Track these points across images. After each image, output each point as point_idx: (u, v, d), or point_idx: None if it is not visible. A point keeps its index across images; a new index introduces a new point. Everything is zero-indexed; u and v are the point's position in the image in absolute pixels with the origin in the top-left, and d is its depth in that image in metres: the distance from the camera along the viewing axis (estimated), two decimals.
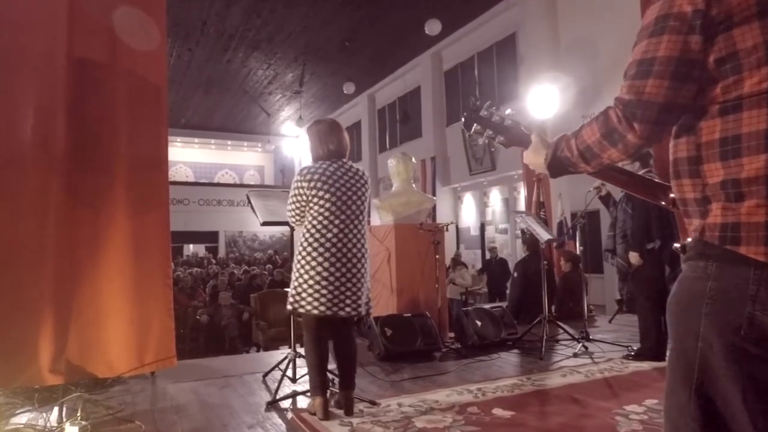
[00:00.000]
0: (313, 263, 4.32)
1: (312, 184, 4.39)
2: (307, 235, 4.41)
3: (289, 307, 4.47)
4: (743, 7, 1.50)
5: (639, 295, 6.38)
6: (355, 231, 4.47)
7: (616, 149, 1.71)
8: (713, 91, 1.56)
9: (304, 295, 4.34)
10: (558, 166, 1.93)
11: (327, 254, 4.32)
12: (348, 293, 4.36)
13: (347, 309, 4.35)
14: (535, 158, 2.07)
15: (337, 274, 4.33)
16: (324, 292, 4.29)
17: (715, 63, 1.54)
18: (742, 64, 1.51)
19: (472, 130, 2.22)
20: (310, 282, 4.32)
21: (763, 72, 1.50)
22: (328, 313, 4.29)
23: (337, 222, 4.39)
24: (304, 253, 4.38)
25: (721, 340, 1.52)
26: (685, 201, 1.68)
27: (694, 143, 1.62)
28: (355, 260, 4.43)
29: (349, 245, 4.41)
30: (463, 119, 2.26)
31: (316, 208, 4.40)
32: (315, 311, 4.30)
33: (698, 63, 1.55)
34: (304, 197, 4.44)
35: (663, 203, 1.97)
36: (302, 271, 4.37)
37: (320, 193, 4.38)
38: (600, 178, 2.05)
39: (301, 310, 4.38)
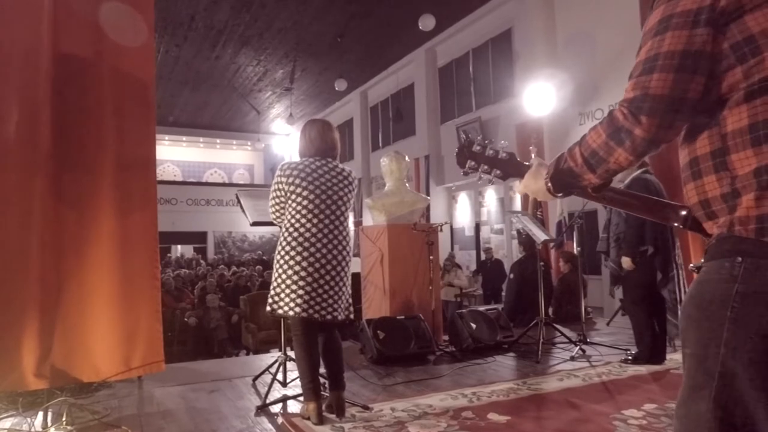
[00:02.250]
0: (291, 262, 4.32)
1: (291, 180, 4.40)
2: (285, 233, 4.41)
3: (268, 308, 4.49)
4: None
5: (630, 300, 6.41)
6: (335, 232, 4.45)
7: (623, 149, 1.67)
8: (734, 77, 1.54)
9: (282, 295, 4.35)
10: (561, 181, 1.90)
11: (305, 254, 4.31)
12: (324, 296, 4.34)
13: (322, 312, 4.33)
14: (534, 183, 2.03)
15: (315, 275, 4.31)
16: (300, 292, 4.28)
17: (731, 48, 1.53)
18: (761, 45, 1.50)
19: (467, 166, 2.22)
20: (288, 282, 4.32)
21: None
22: (304, 315, 4.28)
23: (315, 221, 4.38)
24: (282, 252, 4.38)
25: (748, 347, 1.47)
26: (707, 202, 1.63)
27: (717, 135, 1.58)
28: (335, 262, 4.41)
29: (329, 246, 4.39)
30: (456, 156, 2.26)
31: (294, 205, 4.40)
32: (291, 312, 4.30)
33: (705, 55, 1.54)
34: (283, 193, 4.44)
35: (675, 224, 1.91)
36: (280, 271, 4.38)
37: (298, 190, 4.38)
38: (609, 204, 2.01)
39: (279, 312, 4.37)
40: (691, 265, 1.95)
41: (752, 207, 1.49)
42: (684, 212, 1.85)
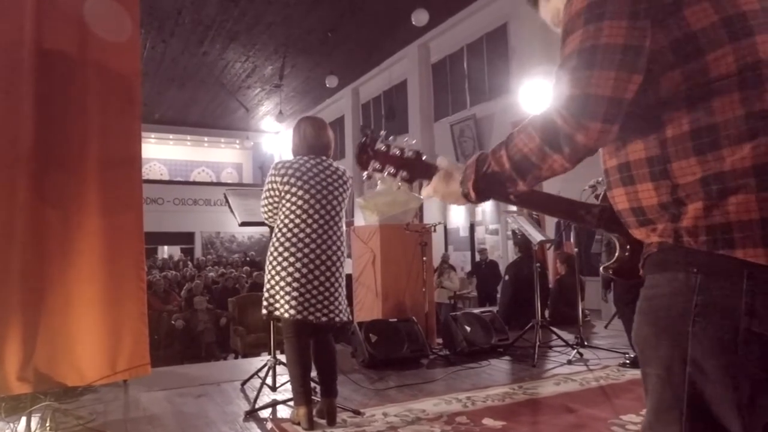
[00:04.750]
0: (285, 263, 4.32)
1: (285, 179, 4.39)
2: (279, 234, 4.40)
3: (263, 310, 4.48)
4: None
5: (620, 303, 6.42)
6: (330, 232, 4.45)
7: (561, 155, 1.53)
8: (673, 79, 1.47)
9: (277, 297, 4.35)
10: (485, 188, 1.74)
11: (299, 254, 4.31)
12: (319, 297, 4.34)
13: (317, 314, 4.33)
14: (445, 186, 1.89)
15: (310, 277, 4.32)
16: (295, 294, 4.28)
17: (670, 47, 1.46)
18: (702, 46, 1.44)
19: (370, 168, 2.00)
20: (282, 284, 4.32)
21: (728, 52, 1.43)
22: (299, 317, 4.28)
23: (310, 221, 4.38)
24: (275, 254, 4.38)
25: (715, 362, 1.41)
26: (640, 210, 1.56)
27: (655, 140, 1.50)
28: (329, 263, 4.41)
29: (324, 246, 4.39)
30: (355, 158, 2.04)
31: (288, 204, 4.40)
32: (286, 314, 4.30)
33: (645, 51, 1.45)
34: (277, 192, 4.44)
35: (588, 224, 1.84)
36: (273, 272, 4.37)
37: (293, 189, 4.38)
38: (526, 207, 1.94)
39: (276, 313, 4.38)
40: (603, 267, 1.91)
41: (701, 217, 1.43)
42: (597, 210, 1.80)
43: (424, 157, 1.98)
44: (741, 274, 1.39)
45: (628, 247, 1.80)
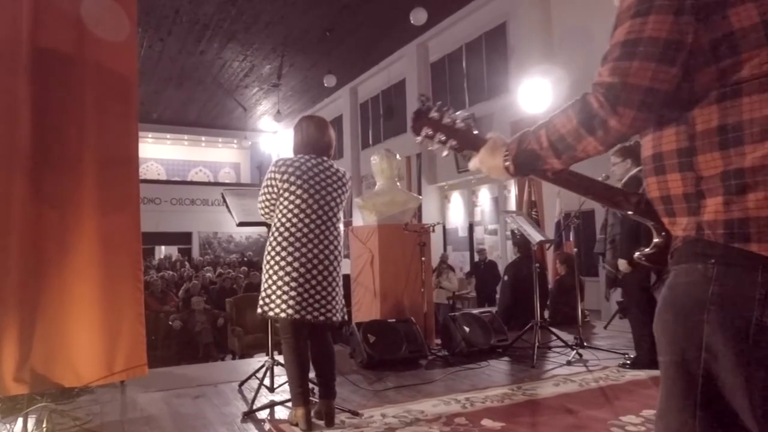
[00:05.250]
0: (282, 263, 4.31)
1: (285, 177, 4.39)
2: (276, 233, 4.40)
3: (259, 310, 4.47)
4: None
5: (629, 303, 6.43)
6: (327, 232, 4.45)
7: (594, 137, 1.62)
8: (708, 76, 1.52)
9: (273, 297, 4.33)
10: (523, 162, 1.84)
11: (297, 254, 4.30)
12: (317, 296, 4.34)
13: (315, 314, 4.32)
14: (491, 159, 1.97)
15: (307, 276, 4.31)
16: (292, 293, 4.27)
17: (710, 45, 1.50)
18: (740, 45, 1.48)
19: (423, 133, 2.13)
20: (279, 283, 4.30)
21: (763, 54, 1.47)
22: (296, 317, 4.27)
23: (307, 221, 4.37)
24: (273, 253, 4.37)
25: (728, 349, 1.45)
26: (669, 198, 1.63)
27: (685, 133, 1.57)
28: (326, 262, 4.40)
29: (321, 246, 4.39)
30: (411, 122, 2.18)
31: (285, 203, 4.40)
32: (283, 314, 4.29)
33: (686, 46, 1.50)
34: (276, 190, 4.43)
35: (627, 211, 1.92)
36: (270, 272, 4.36)
37: (292, 188, 4.37)
38: (558, 185, 1.98)
39: (270, 314, 4.36)
40: (637, 253, 1.98)
41: (720, 211, 1.49)
42: (635, 199, 1.87)
43: (475, 131, 2.09)
44: (756, 268, 1.44)
45: (663, 234, 1.85)
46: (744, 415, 1.45)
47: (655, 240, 1.90)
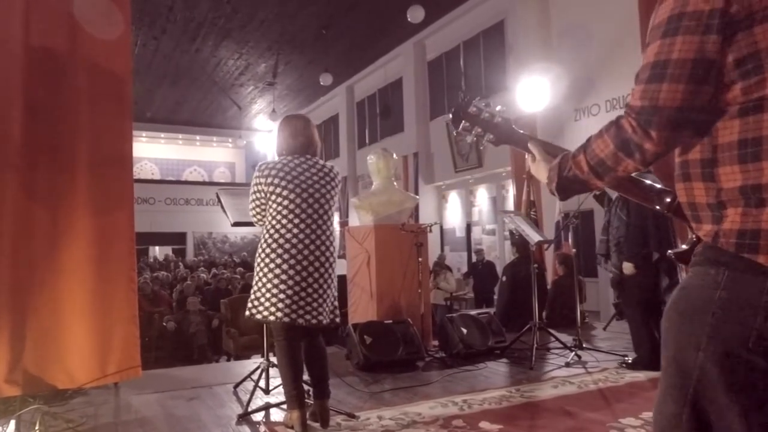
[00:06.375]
0: (272, 266, 4.29)
1: (270, 179, 4.37)
2: (267, 236, 4.38)
3: (247, 312, 4.45)
4: (765, 4, 1.51)
5: (628, 304, 6.44)
6: (318, 232, 4.43)
7: (632, 160, 1.69)
8: (732, 92, 1.56)
9: (262, 300, 4.31)
10: (567, 188, 1.93)
11: (286, 256, 4.29)
12: (309, 299, 4.32)
13: (306, 317, 4.31)
14: (540, 176, 2.09)
15: (297, 278, 4.29)
16: (282, 296, 4.25)
17: (734, 63, 1.54)
18: (764, 63, 1.51)
19: (461, 127, 2.24)
20: (268, 286, 4.29)
21: None
22: (286, 320, 4.26)
23: (297, 222, 4.35)
24: (263, 255, 4.35)
25: (725, 352, 1.53)
26: (694, 205, 1.68)
27: (708, 144, 1.61)
28: (317, 264, 4.38)
29: (312, 247, 4.37)
30: (450, 116, 2.29)
31: (274, 206, 4.38)
32: (271, 317, 4.27)
33: (715, 64, 1.54)
34: (263, 194, 4.42)
35: (657, 207, 1.97)
36: (261, 274, 4.35)
37: (278, 190, 4.35)
38: (607, 186, 2.04)
39: (258, 317, 4.34)
40: (670, 251, 2.02)
41: (736, 221, 1.55)
42: (669, 199, 1.91)
43: (513, 126, 2.24)
44: (763, 277, 1.50)
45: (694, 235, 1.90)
46: (732, 413, 1.53)
47: (690, 237, 1.95)
